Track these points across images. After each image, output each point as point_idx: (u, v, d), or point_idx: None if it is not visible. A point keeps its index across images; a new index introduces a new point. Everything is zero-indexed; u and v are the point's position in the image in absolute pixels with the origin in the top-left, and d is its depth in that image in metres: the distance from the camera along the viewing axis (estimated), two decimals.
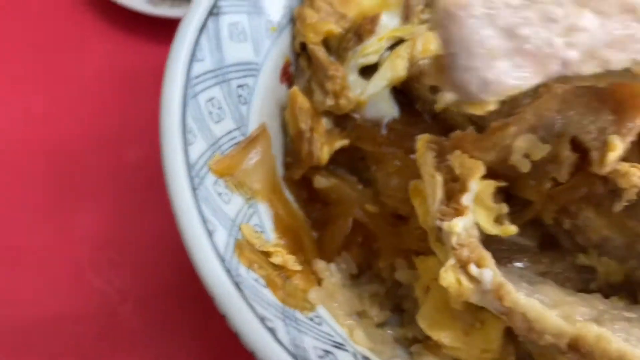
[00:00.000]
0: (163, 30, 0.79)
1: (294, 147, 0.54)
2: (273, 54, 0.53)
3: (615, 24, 0.32)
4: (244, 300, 0.35)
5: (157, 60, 0.77)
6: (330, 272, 0.46)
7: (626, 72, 0.33)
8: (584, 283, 0.46)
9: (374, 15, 0.54)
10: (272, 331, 0.35)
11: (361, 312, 0.50)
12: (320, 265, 0.46)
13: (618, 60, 0.33)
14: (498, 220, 0.44)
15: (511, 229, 0.43)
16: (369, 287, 0.52)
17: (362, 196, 0.52)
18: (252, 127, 0.49)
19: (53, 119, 0.74)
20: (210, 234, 0.38)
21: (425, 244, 0.49)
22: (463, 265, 0.40)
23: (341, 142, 0.53)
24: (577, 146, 0.42)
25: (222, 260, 0.37)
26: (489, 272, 0.40)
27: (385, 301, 0.52)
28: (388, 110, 0.54)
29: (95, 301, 0.63)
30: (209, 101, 0.46)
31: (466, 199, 0.42)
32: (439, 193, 0.43)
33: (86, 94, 0.76)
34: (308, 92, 0.55)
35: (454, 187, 0.43)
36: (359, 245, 0.52)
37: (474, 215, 0.43)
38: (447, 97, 0.49)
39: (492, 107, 0.33)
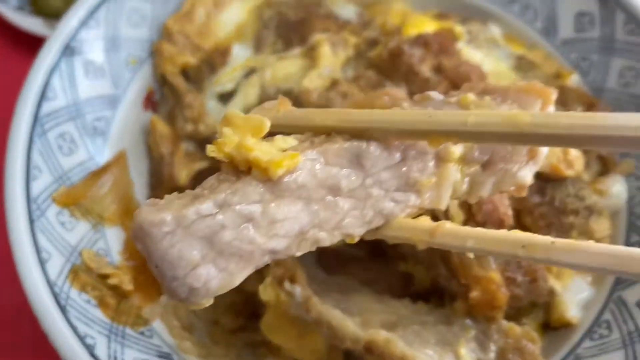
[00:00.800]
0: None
1: (156, 169, 0.59)
2: (134, 85, 0.58)
3: (317, 205, 0.34)
4: (65, 321, 0.40)
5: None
6: None
7: None
8: (404, 289, 0.52)
9: (225, 48, 0.59)
10: (89, 347, 0.40)
11: (215, 321, 0.55)
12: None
13: (325, 238, 0.35)
14: None
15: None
16: (226, 296, 0.57)
17: None
18: (107, 156, 0.54)
19: None
20: (43, 262, 0.43)
21: None
22: (279, 282, 0.46)
23: (200, 164, 0.58)
24: None
25: (52, 285, 0.42)
26: (298, 288, 0.46)
27: (242, 309, 0.57)
28: None
29: None
30: (60, 136, 0.50)
31: None
32: None
33: None
34: (171, 119, 0.60)
35: None
36: None
37: None
38: None
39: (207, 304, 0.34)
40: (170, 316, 0.49)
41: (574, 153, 0.53)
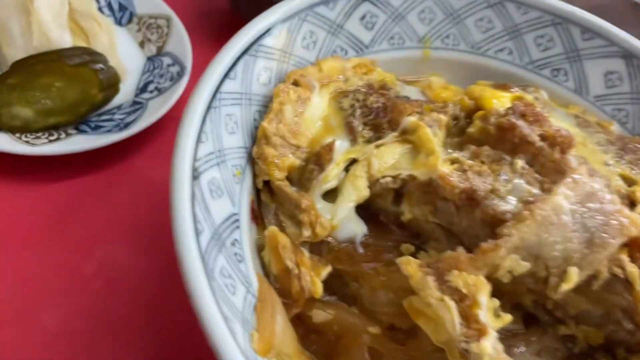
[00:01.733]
0: (41, 168, 0.71)
1: (281, 286, 0.53)
2: (244, 197, 0.52)
3: None
4: None
5: (42, 203, 0.69)
6: None
7: None
8: (568, 349, 0.54)
9: (330, 143, 0.56)
10: None
11: None
12: None
13: None
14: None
15: (508, 318, 0.49)
16: None
17: (362, 319, 0.53)
18: (254, 283, 0.48)
19: None
20: None
21: (439, 355, 0.52)
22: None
23: (326, 270, 0.54)
24: None
25: None
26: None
27: None
28: (357, 228, 0.56)
29: None
30: (220, 273, 0.43)
31: (483, 317, 0.46)
32: (456, 317, 0.46)
33: None
34: (279, 227, 0.55)
35: (465, 306, 0.47)
36: None
37: None
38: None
39: None
40: None
41: None
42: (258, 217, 0.55)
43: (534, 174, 0.55)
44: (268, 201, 0.56)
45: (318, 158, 0.55)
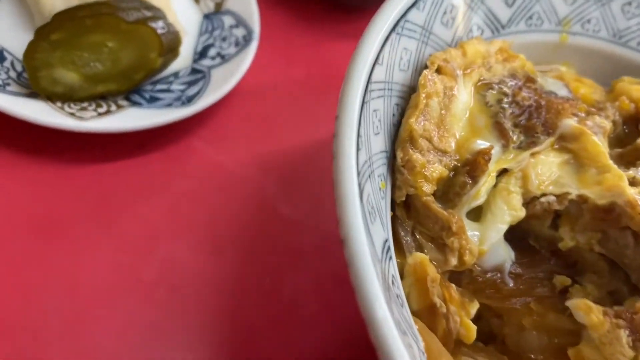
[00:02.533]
0: (85, 145, 0.59)
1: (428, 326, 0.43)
2: (388, 217, 0.41)
3: None
4: None
5: (90, 194, 0.57)
6: None
7: None
8: None
9: (486, 150, 0.45)
10: None
11: None
12: None
13: None
14: None
15: None
16: None
17: None
18: (419, 336, 0.37)
19: None
20: None
21: None
22: None
23: (474, 307, 0.44)
24: None
25: None
26: None
27: None
28: (505, 254, 0.46)
29: None
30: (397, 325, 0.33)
31: None
32: None
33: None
34: (419, 251, 0.44)
35: None
36: None
37: None
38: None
39: None
40: None
41: None
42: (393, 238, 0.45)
43: None
44: (404, 217, 0.45)
45: (472, 168, 0.44)
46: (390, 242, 0.40)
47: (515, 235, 0.48)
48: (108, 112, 0.59)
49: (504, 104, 0.48)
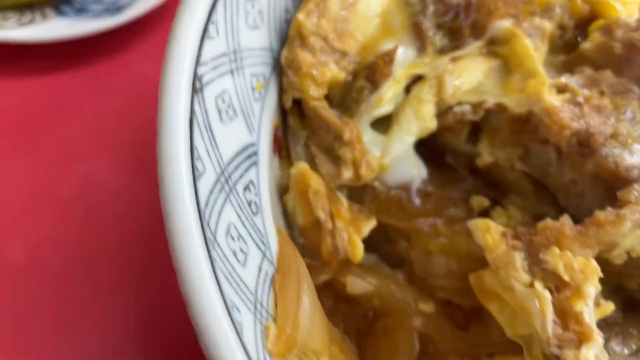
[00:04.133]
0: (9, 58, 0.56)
1: (308, 242, 0.39)
2: (265, 121, 0.37)
3: None
4: None
5: (15, 101, 0.55)
6: None
7: None
8: None
9: (389, 52, 0.40)
10: None
11: None
12: None
13: None
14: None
15: (610, 307, 0.36)
16: None
17: (413, 296, 0.40)
18: (274, 246, 0.34)
19: None
20: None
21: (505, 346, 0.39)
22: None
23: (369, 225, 0.40)
24: None
25: None
26: None
27: None
28: (415, 170, 0.42)
29: None
30: (227, 234, 0.29)
31: (588, 316, 0.33)
32: (550, 312, 0.33)
33: None
34: (311, 163, 0.40)
35: (564, 298, 0.33)
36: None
37: None
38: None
39: None
40: None
41: None
42: (282, 148, 0.41)
43: None
44: (297, 127, 0.40)
45: (372, 71, 0.39)
46: (260, 147, 0.36)
47: (430, 151, 0.43)
48: (32, 21, 0.56)
49: (428, 3, 0.42)
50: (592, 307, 0.34)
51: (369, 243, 0.41)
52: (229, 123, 0.33)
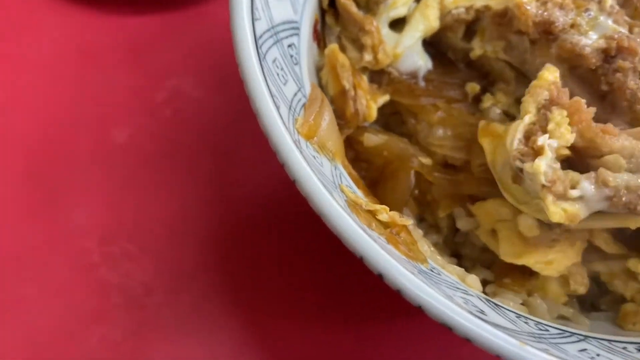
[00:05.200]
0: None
1: (337, 107, 0.52)
2: (307, 11, 0.51)
3: None
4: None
5: (123, 33, 0.72)
6: (414, 224, 0.46)
7: None
8: None
9: None
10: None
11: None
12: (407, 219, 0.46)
13: None
14: None
15: None
16: (427, 238, 0.52)
17: (414, 148, 0.52)
18: (307, 88, 0.47)
19: (21, 109, 0.66)
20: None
21: (483, 189, 0.50)
22: (562, 197, 0.42)
23: (383, 98, 0.53)
24: None
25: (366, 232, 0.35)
26: (586, 184, 0.42)
27: (443, 249, 0.53)
28: (422, 62, 0.54)
29: (117, 298, 0.58)
30: (274, 62, 0.43)
31: (542, 139, 0.43)
32: (519, 133, 0.44)
33: (52, 76, 0.69)
34: (341, 50, 0.53)
35: (533, 128, 0.44)
36: (414, 198, 0.52)
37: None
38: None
39: None
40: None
41: None
42: (320, 38, 0.54)
43: (624, 15, 0.51)
44: (332, 23, 0.54)
45: None
46: (302, 26, 0.50)
47: (436, 50, 0.55)
48: None
49: None
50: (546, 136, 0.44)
51: (388, 125, 0.54)
52: (280, 1, 0.47)
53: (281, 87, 0.42)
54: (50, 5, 0.73)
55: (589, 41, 0.48)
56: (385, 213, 0.40)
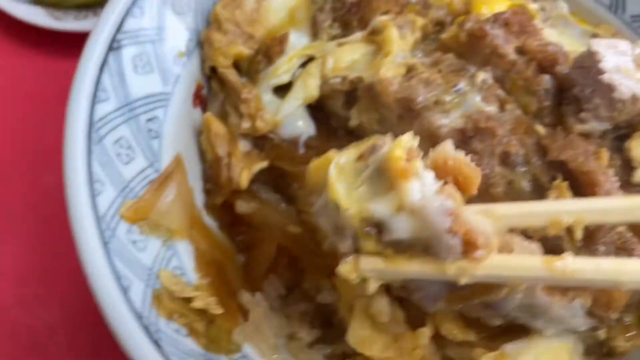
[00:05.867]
0: (68, 44, 0.76)
1: (212, 173, 0.53)
2: (183, 80, 0.52)
3: None
4: (163, 357, 0.35)
5: (64, 78, 0.75)
6: (256, 302, 0.47)
7: None
8: None
9: (282, 35, 0.53)
10: None
11: (291, 334, 0.51)
12: (245, 297, 0.46)
13: None
14: None
15: None
16: (297, 306, 0.52)
17: (285, 217, 0.52)
18: (165, 161, 0.49)
19: None
20: (125, 290, 0.37)
21: None
22: None
23: (260, 165, 0.53)
24: None
25: (140, 317, 0.37)
26: None
27: (315, 319, 0.53)
28: (304, 128, 0.54)
29: (24, 339, 0.61)
30: (116, 142, 0.44)
31: None
32: None
33: None
34: (223, 116, 0.54)
35: None
36: (285, 266, 0.52)
37: None
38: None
39: None
40: (257, 337, 0.44)
41: None
42: (204, 102, 0.55)
43: (497, 90, 0.49)
44: (217, 89, 0.55)
45: (267, 50, 0.53)
46: (174, 96, 0.51)
47: (323, 115, 0.55)
48: (86, 17, 0.76)
49: (328, 2, 0.55)
50: None
51: (267, 179, 0.55)
52: (143, 75, 0.49)
53: (118, 168, 0.44)
54: None
55: (447, 121, 0.46)
56: (201, 300, 0.41)
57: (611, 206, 0.39)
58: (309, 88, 0.53)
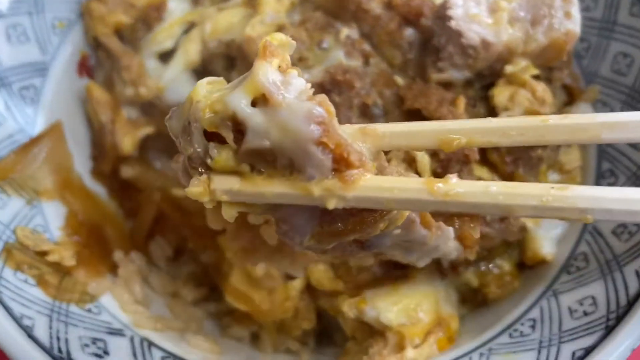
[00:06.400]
0: None
1: (98, 140, 0.54)
2: (65, 50, 0.54)
3: None
4: None
5: None
6: (129, 260, 0.48)
7: None
8: None
9: (160, 3, 0.54)
10: (27, 328, 0.37)
11: (174, 293, 0.52)
12: (117, 255, 0.48)
13: None
14: None
15: None
16: (185, 268, 0.53)
17: (170, 181, 0.53)
18: (40, 126, 0.50)
19: None
20: None
21: None
22: None
23: (144, 130, 0.54)
24: None
25: None
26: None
27: (203, 279, 0.54)
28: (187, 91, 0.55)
29: None
30: None
31: None
32: None
33: None
34: (110, 84, 0.55)
35: None
36: (171, 228, 0.54)
37: None
38: None
39: None
40: (121, 290, 0.45)
41: (541, 89, 0.49)
42: (90, 72, 0.56)
43: (363, 45, 0.49)
44: (103, 59, 0.56)
45: (145, 17, 0.54)
46: (52, 65, 0.52)
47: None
48: None
49: None
50: None
51: (160, 146, 0.56)
52: (18, 45, 0.50)
53: None
54: None
55: (307, 76, 0.47)
56: (57, 254, 0.42)
57: (506, 126, 0.34)
58: (189, 53, 0.54)
